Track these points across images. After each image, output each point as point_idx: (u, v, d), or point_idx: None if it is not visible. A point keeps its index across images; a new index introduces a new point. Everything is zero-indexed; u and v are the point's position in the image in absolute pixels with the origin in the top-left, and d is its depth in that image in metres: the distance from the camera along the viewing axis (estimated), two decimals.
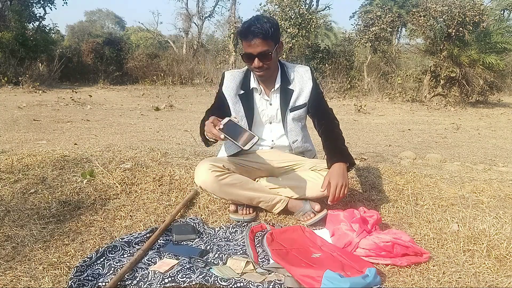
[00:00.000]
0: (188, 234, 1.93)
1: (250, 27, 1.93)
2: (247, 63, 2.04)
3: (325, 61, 13.26)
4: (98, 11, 39.90)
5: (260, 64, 1.98)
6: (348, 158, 2.01)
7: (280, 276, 1.57)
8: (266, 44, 1.95)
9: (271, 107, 2.16)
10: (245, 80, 2.15)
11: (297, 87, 2.14)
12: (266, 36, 1.94)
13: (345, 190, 1.93)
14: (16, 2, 13.88)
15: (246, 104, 2.14)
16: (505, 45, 10.20)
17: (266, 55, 1.97)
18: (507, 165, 3.24)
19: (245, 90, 2.14)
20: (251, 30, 1.93)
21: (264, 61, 1.98)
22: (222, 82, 2.17)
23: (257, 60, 1.97)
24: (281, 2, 12.47)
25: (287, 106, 2.14)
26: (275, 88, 2.13)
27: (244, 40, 1.97)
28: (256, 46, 1.94)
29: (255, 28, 1.92)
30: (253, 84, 2.14)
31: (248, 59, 2.00)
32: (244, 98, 2.13)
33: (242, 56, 2.03)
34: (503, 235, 1.92)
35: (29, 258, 1.71)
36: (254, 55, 1.96)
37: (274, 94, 2.15)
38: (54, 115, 6.01)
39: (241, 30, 1.99)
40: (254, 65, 1.99)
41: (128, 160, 2.69)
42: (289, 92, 2.14)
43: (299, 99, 2.14)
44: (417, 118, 7.81)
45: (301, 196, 2.13)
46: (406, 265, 1.72)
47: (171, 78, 14.60)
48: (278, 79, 2.14)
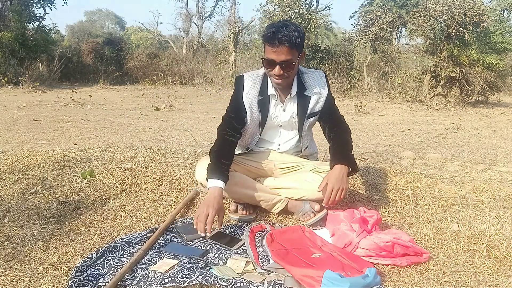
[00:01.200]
0: (197, 232, 1.93)
1: (277, 33, 1.84)
2: (267, 68, 1.95)
3: (325, 61, 13.26)
4: (98, 11, 39.90)
5: (281, 72, 1.91)
6: (351, 163, 2.00)
7: (280, 276, 1.57)
8: (290, 53, 1.87)
9: (284, 113, 2.12)
10: (263, 85, 2.07)
11: (314, 93, 2.09)
12: (293, 45, 1.86)
13: (342, 194, 1.92)
14: (16, 2, 13.86)
15: (263, 111, 2.08)
16: (505, 45, 10.19)
17: (289, 64, 1.90)
18: (507, 165, 3.24)
19: (263, 96, 2.06)
20: (279, 37, 1.83)
21: (286, 70, 1.91)
22: (242, 87, 2.06)
23: (278, 68, 1.89)
24: (281, 2, 12.47)
25: (305, 113, 2.10)
26: (291, 95, 2.08)
27: (268, 45, 1.88)
28: (281, 54, 1.86)
29: (283, 35, 1.83)
30: (271, 91, 2.06)
31: (269, 65, 1.92)
32: (261, 104, 2.07)
33: (263, 61, 1.94)
34: (503, 235, 1.92)
35: (29, 258, 1.71)
36: (276, 62, 1.88)
37: (290, 101, 2.10)
38: (54, 115, 6.01)
39: (267, 34, 1.88)
40: (275, 72, 1.91)
41: (128, 160, 2.69)
42: (306, 99, 2.08)
43: (316, 106, 2.11)
44: (417, 118, 7.81)
45: (300, 197, 2.13)
46: (406, 265, 1.72)
47: (171, 78, 14.60)
48: (295, 86, 2.07)
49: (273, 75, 1.95)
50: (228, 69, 14.14)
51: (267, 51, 1.90)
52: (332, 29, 25.95)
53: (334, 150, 2.06)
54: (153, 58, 16.31)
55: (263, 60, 1.95)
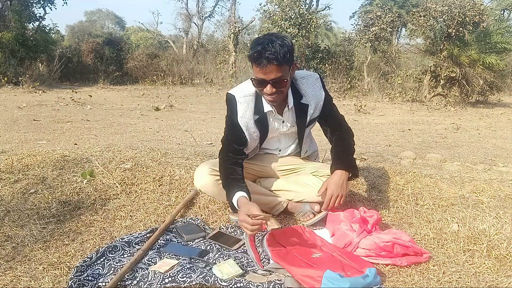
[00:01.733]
0: (198, 232, 1.94)
1: (264, 52, 1.71)
2: (259, 88, 1.85)
3: (325, 61, 13.27)
4: (98, 11, 39.88)
5: (273, 90, 1.80)
6: (352, 169, 1.99)
7: (281, 276, 1.57)
8: (280, 70, 1.75)
9: (284, 124, 2.07)
10: (257, 103, 1.96)
11: (311, 100, 2.01)
12: (282, 62, 1.74)
13: (341, 200, 1.92)
14: (16, 2, 13.86)
15: (261, 128, 2.01)
16: (505, 45, 10.19)
17: (281, 82, 1.79)
18: (507, 165, 3.24)
19: (259, 114, 1.97)
20: (265, 56, 1.71)
21: (278, 87, 1.81)
22: (236, 109, 1.95)
23: (269, 87, 1.79)
24: (281, 2, 12.46)
25: (304, 123, 2.05)
26: (288, 107, 1.99)
27: (256, 65, 1.76)
28: (270, 72, 1.75)
29: (269, 54, 1.71)
30: (267, 108, 1.96)
31: (260, 84, 1.82)
32: (259, 122, 1.99)
33: (253, 81, 1.84)
34: (503, 235, 1.92)
35: (29, 258, 1.71)
36: (267, 81, 1.78)
37: (288, 112, 2.03)
38: (54, 115, 6.01)
39: (253, 54, 1.75)
40: (266, 91, 1.81)
41: (128, 160, 2.69)
42: (304, 108, 2.01)
43: (315, 112, 2.04)
44: (417, 118, 7.80)
45: (300, 200, 2.13)
46: (406, 265, 1.72)
47: (171, 78, 14.59)
48: (290, 96, 1.98)
49: (265, 94, 1.86)
50: (228, 69, 14.13)
51: (256, 71, 1.79)
52: (332, 29, 25.96)
53: (336, 155, 2.03)
54: (153, 58, 16.30)
55: (252, 80, 1.85)
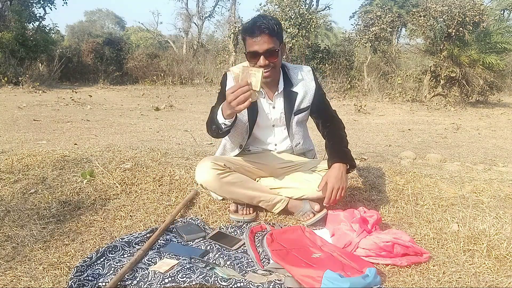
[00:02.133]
0: (198, 232, 1.94)
1: (255, 23, 1.86)
2: (252, 62, 1.93)
3: (325, 61, 13.26)
4: (98, 11, 39.87)
5: (266, 62, 1.88)
6: (349, 160, 2.00)
7: (281, 276, 1.57)
8: (272, 41, 1.87)
9: (274, 110, 2.11)
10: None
11: (301, 89, 2.08)
12: (272, 33, 1.86)
13: (342, 193, 1.92)
14: (16, 2, 13.86)
15: (250, 107, 2.01)
16: (505, 45, 10.19)
17: (273, 52, 1.89)
18: (507, 165, 3.24)
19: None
20: (257, 25, 1.85)
21: (271, 59, 1.89)
22: (225, 82, 2.08)
23: (263, 58, 1.87)
24: (281, 2, 12.46)
25: (291, 110, 2.09)
26: (278, 91, 2.07)
27: (249, 37, 1.88)
28: (263, 43, 1.86)
29: (261, 23, 1.85)
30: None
31: (253, 57, 1.90)
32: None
33: (247, 55, 1.93)
34: (503, 235, 1.92)
35: (29, 258, 1.71)
36: (260, 53, 1.87)
37: (278, 98, 2.09)
38: (54, 115, 6.01)
39: (245, 27, 1.91)
40: (260, 64, 1.88)
41: (128, 160, 2.69)
42: (293, 95, 2.08)
43: (303, 102, 2.10)
44: (417, 118, 7.80)
45: (301, 196, 2.13)
46: (406, 265, 1.72)
47: (171, 78, 14.58)
48: (281, 82, 2.07)
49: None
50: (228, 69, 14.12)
51: (249, 44, 1.90)
52: (332, 29, 25.96)
53: (331, 148, 2.06)
54: (153, 58, 16.30)
55: (246, 54, 1.93)
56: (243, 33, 1.93)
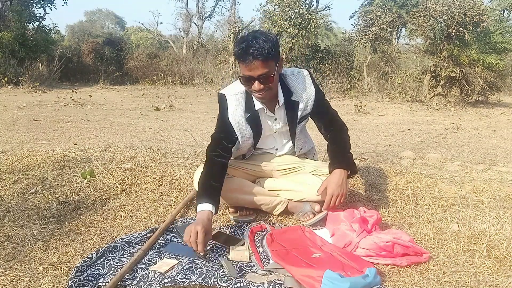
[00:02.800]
0: None
1: (248, 49, 1.74)
2: (246, 86, 1.88)
3: (325, 61, 13.26)
4: (98, 11, 39.89)
5: (261, 87, 1.82)
6: (350, 166, 1.99)
7: (281, 276, 1.57)
8: (266, 66, 1.78)
9: (276, 121, 2.08)
10: (248, 101, 1.99)
11: (301, 97, 2.02)
12: (267, 58, 1.76)
13: (341, 199, 1.92)
14: (16, 2, 13.86)
15: (253, 126, 2.02)
16: (505, 45, 10.19)
17: (268, 78, 1.81)
18: (507, 165, 3.24)
19: (250, 112, 1.99)
20: (250, 52, 1.74)
21: (265, 83, 1.83)
22: (226, 107, 1.99)
23: (257, 83, 1.81)
24: (281, 2, 12.46)
25: (295, 120, 2.05)
26: (279, 104, 2.00)
27: (241, 63, 1.79)
28: (256, 69, 1.77)
29: (254, 50, 1.73)
30: (258, 105, 1.99)
31: (247, 82, 1.84)
32: (251, 120, 2.00)
33: (240, 79, 1.87)
34: (503, 235, 1.92)
35: (29, 258, 1.71)
36: (254, 78, 1.81)
37: (279, 110, 2.04)
38: (54, 115, 6.01)
39: (238, 52, 1.79)
40: (255, 88, 1.84)
41: (128, 160, 2.69)
42: (295, 105, 2.02)
43: (306, 108, 2.05)
44: (417, 118, 7.80)
45: (300, 199, 2.13)
46: (406, 265, 1.72)
47: (171, 78, 14.58)
48: (280, 93, 1.99)
49: (253, 92, 1.88)
50: (228, 69, 14.12)
51: (242, 68, 1.82)
52: (332, 29, 25.97)
53: (333, 153, 2.04)
54: (153, 58, 16.30)
55: (240, 78, 1.87)
56: (235, 57, 1.84)
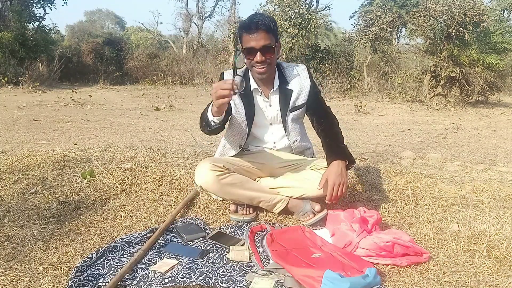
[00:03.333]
0: (198, 232, 1.94)
1: (252, 19, 1.91)
2: (248, 58, 1.97)
3: (325, 61, 13.25)
4: (98, 11, 39.89)
5: (263, 58, 1.92)
6: (347, 156, 2.01)
7: (281, 276, 1.57)
8: (268, 38, 1.91)
9: (271, 108, 2.13)
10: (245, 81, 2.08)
11: (296, 87, 2.11)
12: (269, 29, 1.91)
13: (343, 188, 1.92)
14: (16, 2, 13.87)
15: (247, 105, 2.10)
16: (505, 45, 10.19)
17: (269, 49, 1.93)
18: (507, 165, 3.24)
19: (245, 90, 2.08)
20: (254, 22, 1.89)
21: (267, 55, 1.93)
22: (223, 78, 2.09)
23: (259, 54, 1.91)
24: (281, 2, 12.45)
25: (287, 107, 2.11)
26: (274, 89, 2.10)
27: (246, 33, 1.92)
28: (259, 39, 1.89)
29: (258, 20, 1.89)
30: (253, 85, 2.09)
31: (250, 53, 1.94)
32: (245, 98, 2.08)
33: (243, 51, 1.96)
34: (503, 235, 1.92)
35: (29, 258, 1.71)
36: (256, 49, 1.91)
37: (273, 95, 2.12)
38: (54, 115, 6.01)
39: (242, 23, 1.95)
40: (256, 60, 1.93)
41: (128, 160, 2.69)
42: (288, 93, 2.10)
43: (298, 99, 2.12)
44: (417, 118, 7.80)
45: (301, 195, 2.13)
46: (406, 265, 1.72)
47: (171, 78, 14.58)
48: (276, 79, 2.10)
49: (255, 64, 1.96)
50: (228, 69, 14.13)
51: (245, 40, 1.93)
52: (332, 29, 25.94)
53: (327, 146, 2.07)
54: (153, 58, 16.30)
55: (242, 50, 1.96)
56: (239, 30, 1.97)
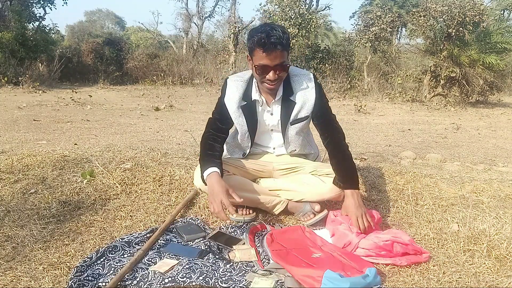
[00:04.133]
0: (198, 232, 1.94)
1: (269, 37, 1.78)
2: (261, 75, 1.89)
3: (325, 61, 13.25)
4: (98, 11, 39.92)
5: (276, 76, 1.87)
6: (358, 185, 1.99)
7: (281, 276, 1.57)
8: (283, 56, 1.84)
9: (272, 117, 2.09)
10: (247, 90, 2.04)
11: (299, 99, 2.01)
12: (284, 48, 1.83)
13: (368, 218, 1.89)
14: (16, 2, 13.87)
15: (248, 116, 2.05)
16: (505, 45, 10.19)
17: (283, 67, 1.87)
18: (507, 165, 3.24)
19: (247, 101, 2.04)
20: (272, 42, 1.78)
21: (280, 73, 1.88)
22: (225, 90, 2.06)
23: (273, 73, 1.86)
24: (281, 2, 12.46)
25: (288, 119, 2.05)
26: (275, 99, 2.03)
27: (260, 49, 1.81)
28: (275, 58, 1.82)
29: (275, 39, 1.78)
30: (254, 96, 2.03)
31: (264, 71, 1.87)
32: (246, 110, 2.04)
33: (256, 68, 1.88)
34: (503, 235, 1.92)
35: (29, 258, 1.71)
36: (270, 67, 1.84)
37: (275, 105, 2.06)
38: (54, 115, 6.01)
39: (259, 40, 1.80)
40: (270, 78, 1.87)
41: (128, 160, 2.69)
42: (291, 104, 2.02)
43: (301, 112, 2.03)
44: (417, 118, 7.80)
45: (300, 199, 2.13)
46: (406, 264, 1.72)
47: (171, 78, 14.58)
48: (281, 88, 2.02)
49: (266, 81, 1.90)
50: (228, 69, 14.11)
51: (259, 57, 1.84)
52: (332, 29, 25.95)
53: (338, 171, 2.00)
54: (153, 58, 16.30)
55: (256, 67, 1.88)
56: (252, 43, 1.85)
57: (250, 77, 2.05)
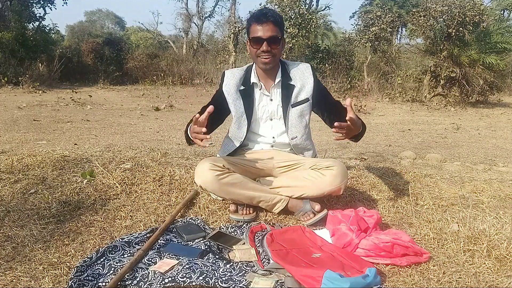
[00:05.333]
0: (198, 232, 1.94)
1: (262, 11, 2.04)
2: (255, 48, 2.05)
3: (325, 61, 13.26)
4: (98, 11, 39.93)
5: (269, 48, 2.01)
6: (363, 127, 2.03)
7: (281, 276, 1.57)
8: (276, 30, 2.01)
9: (272, 102, 2.17)
10: (245, 76, 2.17)
11: (298, 82, 2.15)
12: (277, 22, 2.02)
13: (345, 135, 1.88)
14: (16, 2, 13.86)
15: (246, 100, 2.15)
16: (505, 45, 10.20)
17: (276, 40, 2.02)
18: (507, 165, 3.24)
19: (245, 85, 2.16)
20: (264, 13, 2.02)
21: (273, 46, 2.02)
22: (223, 81, 2.19)
23: (265, 44, 2.00)
24: (281, 2, 12.46)
25: (288, 101, 2.15)
26: (275, 83, 2.14)
27: (255, 23, 2.02)
28: (267, 30, 2.00)
29: (267, 12, 2.02)
30: (253, 79, 2.15)
31: (257, 43, 2.03)
32: (244, 94, 2.15)
33: (250, 41, 2.05)
34: (503, 235, 1.92)
35: (29, 258, 1.71)
36: (263, 39, 2.00)
37: (275, 89, 2.16)
38: (54, 115, 6.01)
39: (253, 15, 2.06)
40: (263, 49, 2.01)
41: (128, 160, 2.69)
42: (290, 87, 2.14)
43: (300, 94, 2.15)
44: (417, 118, 7.81)
45: (301, 195, 2.12)
46: (406, 264, 1.72)
47: (171, 78, 14.58)
48: (279, 74, 2.15)
49: (260, 54, 2.04)
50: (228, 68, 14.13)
51: (254, 30, 2.03)
52: (332, 29, 25.94)
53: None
54: (153, 58, 16.31)
55: (250, 39, 2.06)
56: (249, 21, 2.08)
57: (248, 66, 2.20)
